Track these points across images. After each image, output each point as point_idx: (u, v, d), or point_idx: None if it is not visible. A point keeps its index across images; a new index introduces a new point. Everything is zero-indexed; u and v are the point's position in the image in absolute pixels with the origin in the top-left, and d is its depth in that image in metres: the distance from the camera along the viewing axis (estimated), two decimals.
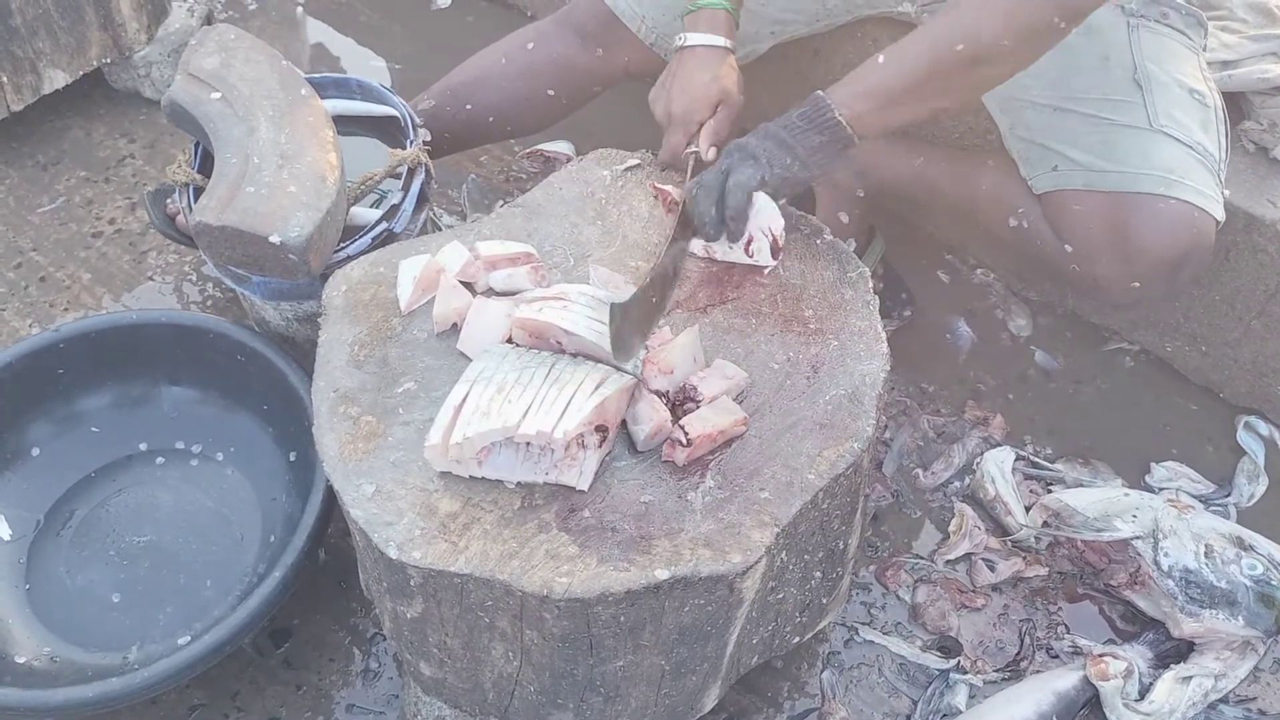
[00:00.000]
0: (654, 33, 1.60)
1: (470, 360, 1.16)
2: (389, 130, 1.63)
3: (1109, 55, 1.41)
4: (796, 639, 1.29)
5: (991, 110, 1.51)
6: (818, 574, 1.22)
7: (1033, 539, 1.53)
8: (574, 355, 1.15)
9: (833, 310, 1.25)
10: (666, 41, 1.61)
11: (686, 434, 1.09)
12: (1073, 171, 1.41)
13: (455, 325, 1.22)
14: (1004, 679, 1.43)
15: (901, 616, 1.49)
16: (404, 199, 1.51)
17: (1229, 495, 1.61)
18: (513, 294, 1.24)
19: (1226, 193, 1.41)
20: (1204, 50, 1.48)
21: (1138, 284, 1.39)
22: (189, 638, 1.31)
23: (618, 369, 1.13)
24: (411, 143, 1.55)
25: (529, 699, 1.16)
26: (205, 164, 1.56)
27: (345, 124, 1.61)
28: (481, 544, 1.04)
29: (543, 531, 1.05)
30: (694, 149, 1.36)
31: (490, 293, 1.26)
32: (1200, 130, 1.39)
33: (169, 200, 1.64)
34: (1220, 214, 1.38)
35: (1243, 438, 1.68)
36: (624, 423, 1.13)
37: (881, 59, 1.25)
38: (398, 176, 1.53)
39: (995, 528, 1.57)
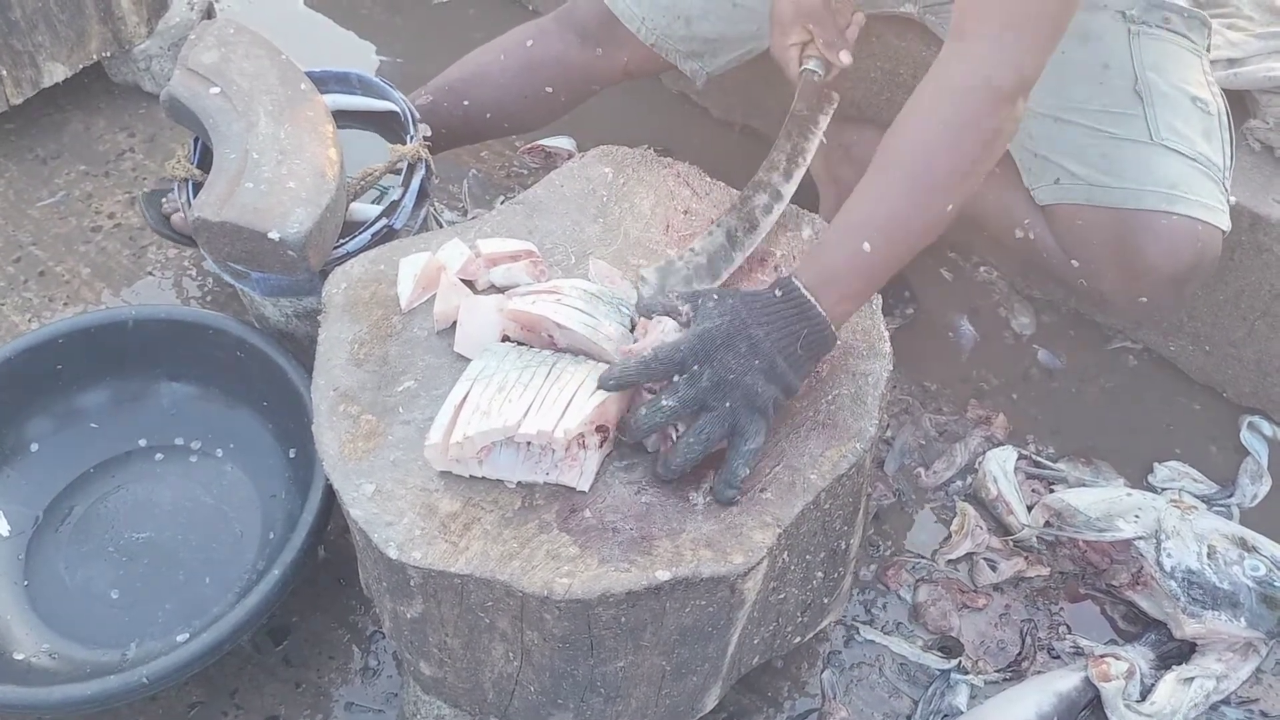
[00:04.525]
0: (654, 34, 1.59)
1: (469, 360, 1.15)
2: (389, 125, 1.62)
3: (1109, 64, 1.40)
4: (798, 639, 1.29)
5: None
6: (819, 574, 1.22)
7: (1034, 539, 1.53)
8: (567, 351, 1.14)
9: None
10: (666, 43, 1.60)
11: None
12: (1074, 185, 1.40)
13: (456, 324, 1.21)
14: (1005, 679, 1.42)
15: (902, 616, 1.49)
16: (404, 195, 1.50)
17: (1232, 496, 1.60)
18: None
19: (1233, 199, 1.40)
20: (1208, 50, 1.47)
21: (1145, 299, 1.39)
22: (188, 635, 1.30)
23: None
24: (412, 138, 1.54)
25: (529, 699, 1.16)
26: (204, 159, 1.55)
27: (345, 119, 1.60)
28: (482, 544, 1.03)
29: (543, 532, 1.05)
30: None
31: (491, 290, 1.25)
32: (1203, 140, 1.38)
33: (164, 200, 1.63)
34: (1226, 224, 1.36)
35: (1246, 438, 1.67)
36: None
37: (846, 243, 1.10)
38: (398, 172, 1.52)
39: (997, 527, 1.56)
